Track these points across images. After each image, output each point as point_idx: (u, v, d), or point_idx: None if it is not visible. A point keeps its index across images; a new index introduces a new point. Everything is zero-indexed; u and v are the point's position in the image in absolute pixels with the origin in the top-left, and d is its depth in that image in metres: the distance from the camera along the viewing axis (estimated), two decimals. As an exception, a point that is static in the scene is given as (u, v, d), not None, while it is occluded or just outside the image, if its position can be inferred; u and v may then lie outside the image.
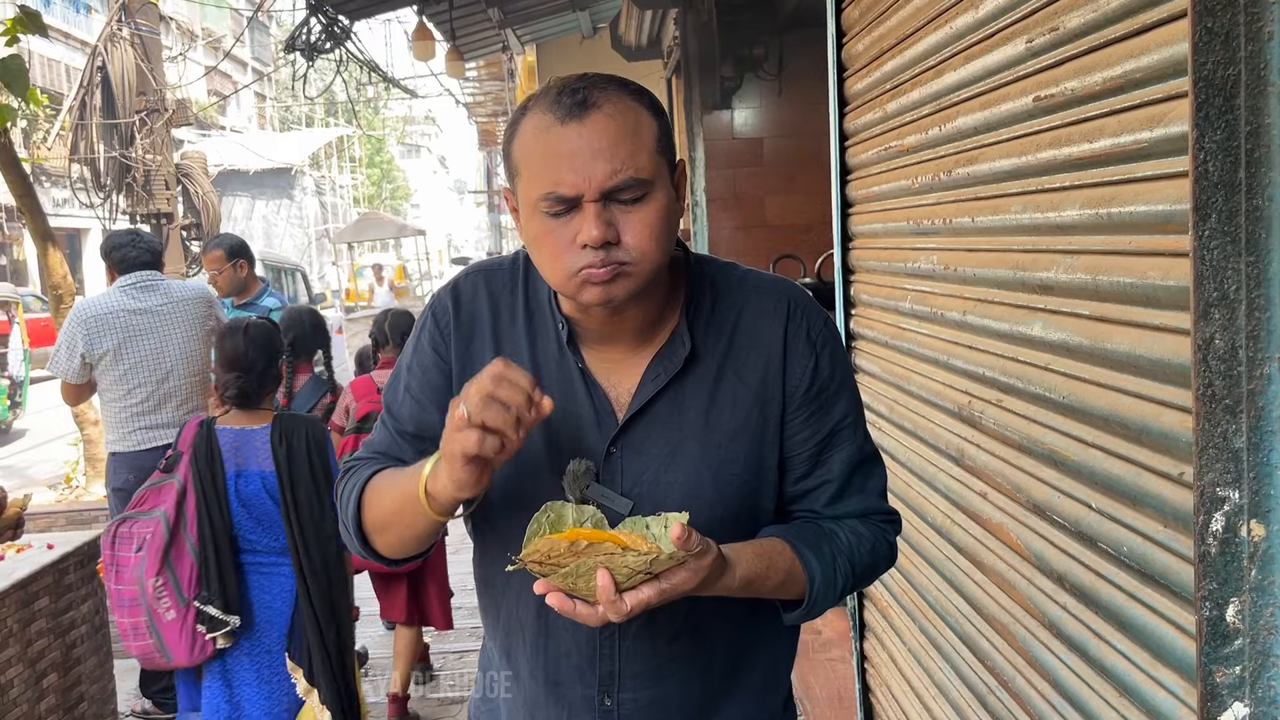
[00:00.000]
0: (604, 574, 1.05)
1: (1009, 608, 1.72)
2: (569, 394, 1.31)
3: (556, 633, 1.33)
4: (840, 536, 1.31)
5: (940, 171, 1.92)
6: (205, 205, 8.27)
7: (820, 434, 1.32)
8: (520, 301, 1.36)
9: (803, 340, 1.32)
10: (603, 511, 1.25)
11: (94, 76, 7.38)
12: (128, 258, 3.94)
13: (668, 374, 1.29)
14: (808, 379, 1.31)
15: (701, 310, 1.33)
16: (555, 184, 1.17)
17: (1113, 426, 1.32)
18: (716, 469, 1.29)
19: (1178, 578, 1.17)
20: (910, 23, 2.05)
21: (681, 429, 1.29)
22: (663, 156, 1.22)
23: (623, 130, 1.18)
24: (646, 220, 1.19)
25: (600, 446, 1.29)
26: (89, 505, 4.79)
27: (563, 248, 1.19)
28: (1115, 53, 1.27)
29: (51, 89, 19.65)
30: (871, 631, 2.72)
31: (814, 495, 1.34)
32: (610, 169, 1.16)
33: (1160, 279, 1.19)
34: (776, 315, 1.33)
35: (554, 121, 1.18)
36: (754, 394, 1.31)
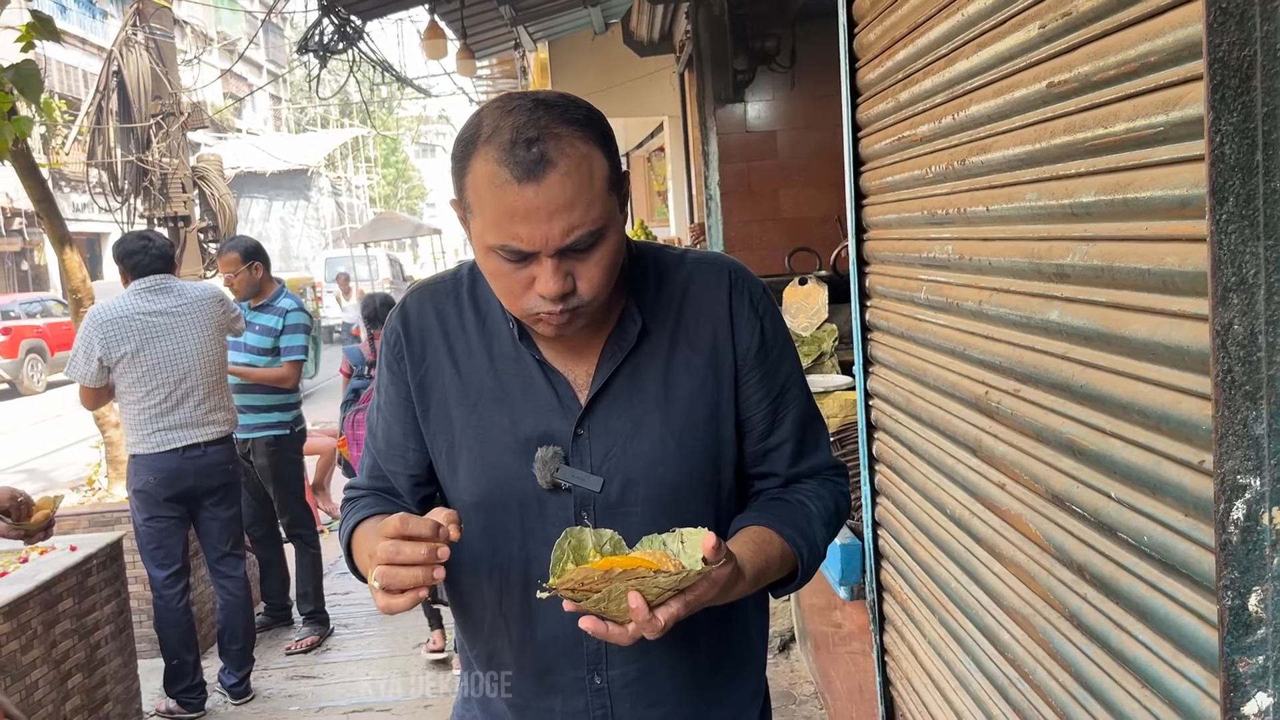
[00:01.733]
0: (636, 596, 1.09)
1: (1029, 599, 1.70)
2: (529, 386, 1.36)
3: (542, 619, 1.36)
4: (810, 505, 1.40)
5: (954, 160, 1.91)
6: (221, 207, 8.32)
7: (772, 393, 1.40)
8: (468, 308, 1.41)
9: (747, 305, 1.40)
10: (574, 489, 1.33)
11: (109, 81, 7.44)
12: (141, 264, 3.97)
13: (623, 351, 1.35)
14: (757, 340, 1.39)
15: (648, 290, 1.39)
16: (512, 239, 1.19)
17: (1131, 415, 1.31)
18: (679, 436, 1.35)
19: (1199, 567, 1.16)
20: (922, 11, 2.03)
21: (643, 402, 1.35)
22: (613, 193, 1.24)
23: (579, 186, 1.18)
24: (601, 264, 1.24)
25: (567, 430, 1.34)
26: (111, 507, 4.82)
27: (518, 290, 1.24)
28: (1129, 36, 1.25)
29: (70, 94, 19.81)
30: (891, 624, 2.70)
31: (775, 457, 1.42)
32: (566, 227, 1.18)
33: (1178, 264, 1.17)
34: (720, 285, 1.40)
35: (510, 179, 1.16)
36: (706, 360, 1.37)
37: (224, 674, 4.32)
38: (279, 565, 5.14)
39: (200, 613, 4.67)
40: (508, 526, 1.37)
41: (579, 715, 1.39)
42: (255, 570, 5.11)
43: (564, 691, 1.38)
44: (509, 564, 1.38)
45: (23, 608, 3.32)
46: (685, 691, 1.40)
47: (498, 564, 1.39)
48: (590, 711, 1.38)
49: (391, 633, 5.00)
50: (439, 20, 7.05)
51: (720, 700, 1.44)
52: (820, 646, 3.74)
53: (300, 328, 4.73)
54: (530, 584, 1.34)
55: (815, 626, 3.89)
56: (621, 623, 1.12)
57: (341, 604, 5.43)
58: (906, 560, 2.48)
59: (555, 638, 1.36)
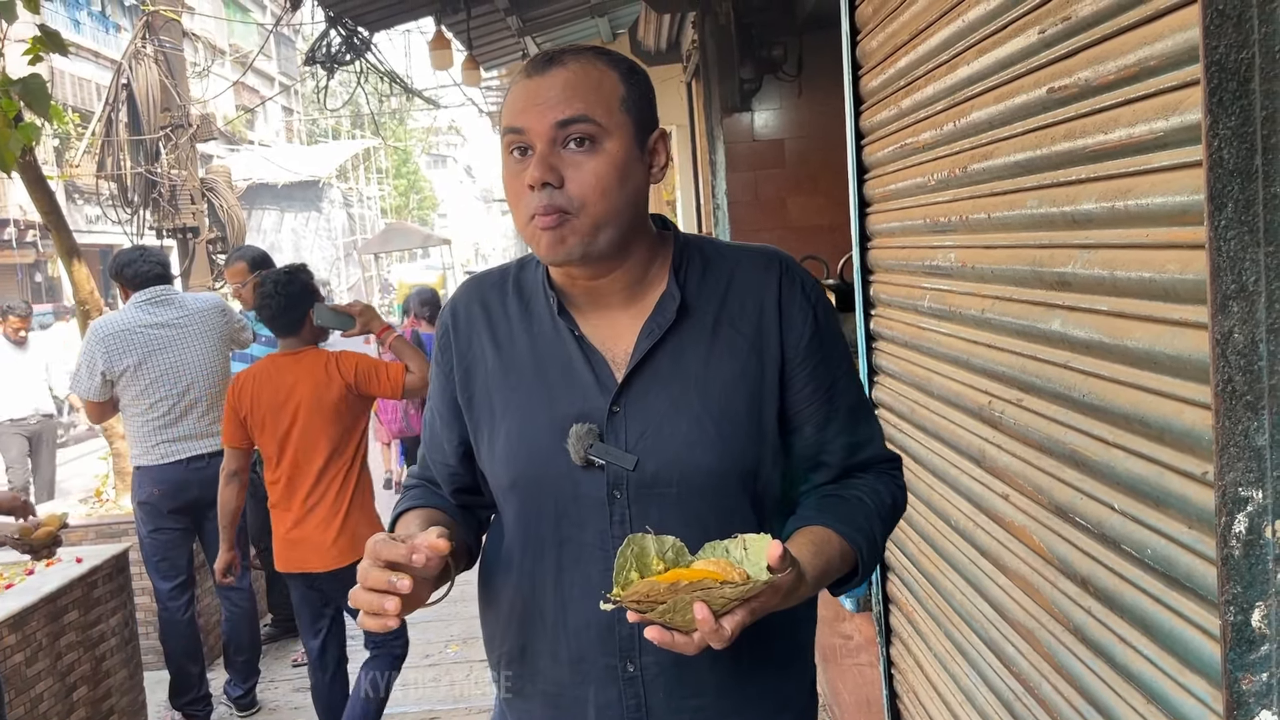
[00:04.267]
0: (702, 606, 1.08)
1: (1033, 612, 1.68)
2: (567, 364, 1.35)
3: (575, 605, 1.35)
4: (867, 501, 1.36)
5: (955, 167, 1.89)
6: (230, 218, 8.34)
7: (825, 384, 1.36)
8: (512, 293, 1.43)
9: (799, 294, 1.37)
10: (608, 468, 1.30)
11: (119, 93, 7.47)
12: (140, 273, 3.98)
13: (660, 329, 1.33)
14: (810, 328, 1.36)
15: (692, 273, 1.37)
16: (511, 119, 1.26)
17: (1134, 425, 1.28)
18: (718, 418, 1.31)
19: (1203, 581, 1.14)
20: (923, 17, 2.02)
21: (681, 382, 1.33)
22: (627, 115, 1.28)
23: (581, 80, 1.26)
24: (595, 170, 1.24)
25: (603, 407, 1.32)
26: (118, 518, 4.82)
27: (518, 192, 1.27)
28: (1128, 40, 1.24)
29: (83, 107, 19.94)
30: (898, 636, 2.68)
31: (830, 449, 1.38)
32: (559, 110, 1.23)
33: (1179, 272, 1.15)
34: (770, 272, 1.38)
35: (524, 76, 1.28)
36: (750, 344, 1.34)
37: (230, 686, 4.31)
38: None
39: (206, 624, 4.66)
40: (541, 507, 1.35)
41: (612, 706, 1.36)
42: (262, 582, 5.10)
43: (597, 680, 1.35)
44: (542, 547, 1.37)
45: (28, 620, 3.31)
46: (725, 685, 1.36)
47: (530, 547, 1.38)
48: (623, 701, 1.35)
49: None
50: (446, 31, 7.06)
51: (763, 696, 1.40)
52: (828, 658, 3.71)
53: (306, 339, 4.73)
54: (563, 568, 1.35)
55: (823, 638, 3.86)
56: (687, 632, 1.11)
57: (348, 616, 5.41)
58: (912, 572, 2.45)
59: (588, 623, 1.33)
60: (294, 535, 3.36)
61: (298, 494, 3.33)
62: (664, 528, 1.18)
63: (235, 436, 3.38)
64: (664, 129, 1.34)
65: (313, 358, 3.35)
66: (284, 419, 3.30)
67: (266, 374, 3.33)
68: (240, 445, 3.42)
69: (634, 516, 1.31)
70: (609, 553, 1.29)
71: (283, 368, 3.33)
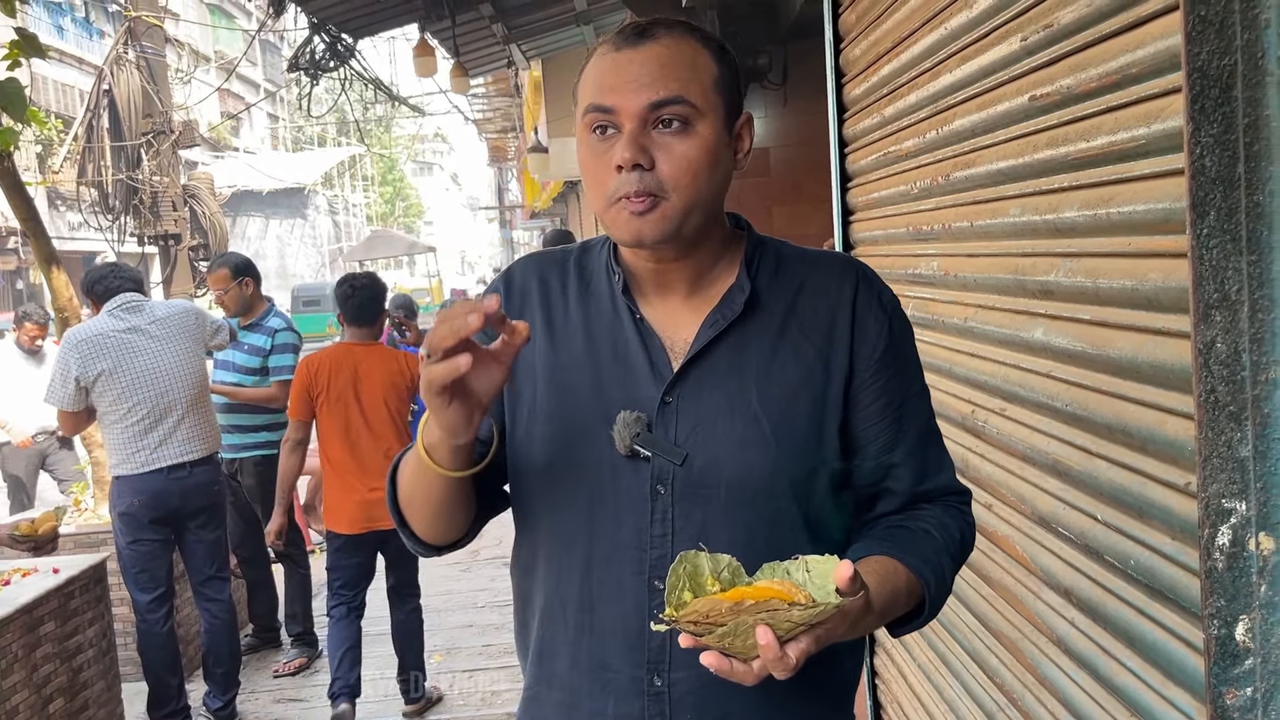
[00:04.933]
0: (765, 630, 0.99)
1: (1017, 623, 1.67)
2: (623, 345, 1.27)
3: (603, 606, 1.25)
4: (935, 534, 1.25)
5: (939, 175, 1.88)
6: (213, 225, 8.29)
7: (895, 401, 1.26)
8: (572, 272, 1.34)
9: (875, 304, 1.28)
10: (654, 460, 1.21)
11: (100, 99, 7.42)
12: (110, 287, 3.94)
13: (726, 320, 1.25)
14: (884, 341, 1.26)
15: (765, 271, 1.29)
16: (599, 97, 1.18)
17: (1117, 435, 1.27)
18: (776, 423, 1.22)
19: (1187, 592, 1.13)
20: (906, 25, 2.01)
21: (741, 379, 1.24)
22: (720, 96, 1.20)
23: (675, 58, 1.18)
24: (686, 153, 1.17)
25: (655, 396, 1.24)
26: (96, 528, 4.77)
27: (601, 172, 1.19)
28: (1110, 48, 1.23)
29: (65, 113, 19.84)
30: (881, 646, 2.66)
31: (898, 473, 1.27)
32: (654, 89, 1.16)
33: (1161, 281, 1.14)
34: (846, 278, 1.29)
35: (611, 49, 1.20)
36: (818, 351, 1.25)
37: (209, 697, 4.26)
38: (267, 586, 5.08)
39: (185, 635, 4.61)
40: (575, 497, 1.26)
41: None
42: (242, 592, 5.05)
43: (618, 693, 1.25)
44: (572, 539, 1.27)
45: (3, 631, 3.27)
46: (756, 711, 1.25)
47: (560, 538, 1.29)
48: (646, 718, 1.24)
49: (381, 655, 4.94)
50: (430, 38, 7.04)
51: None
52: (812, 668, 3.70)
53: (290, 347, 4.69)
54: (593, 564, 1.25)
55: (807, 647, 3.85)
56: (747, 660, 1.02)
57: (330, 625, 5.38)
58: (896, 581, 2.44)
59: (615, 629, 1.24)
60: (374, 496, 3.87)
61: (372, 462, 3.91)
62: (708, 534, 1.10)
63: (301, 410, 3.99)
64: (749, 113, 1.28)
65: (383, 350, 4.11)
66: (355, 397, 3.92)
67: (340, 358, 3.96)
68: (305, 418, 4.00)
69: (676, 517, 1.22)
70: (645, 553, 1.22)
71: (357, 355, 3.97)
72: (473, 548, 1.43)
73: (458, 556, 6.17)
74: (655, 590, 1.22)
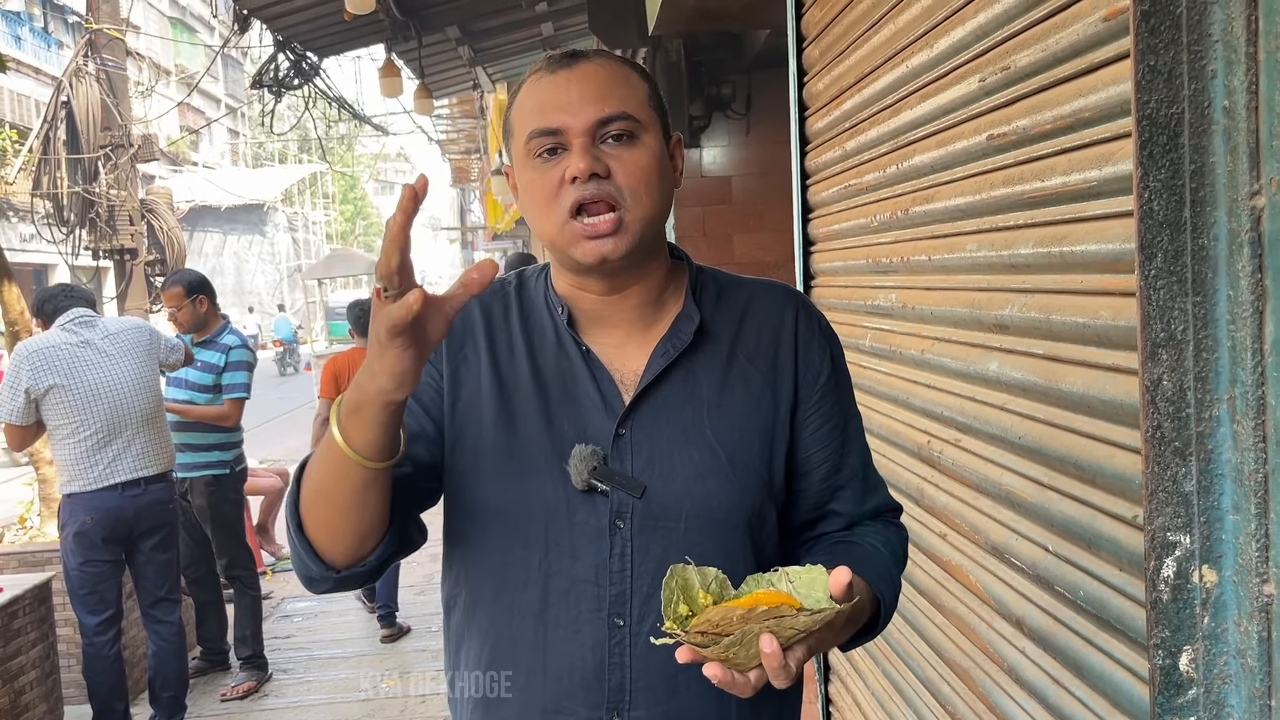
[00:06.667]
0: (770, 639, 0.98)
1: (969, 651, 1.69)
2: (571, 380, 1.25)
3: (559, 647, 1.22)
4: (882, 550, 1.28)
5: (898, 209, 1.92)
6: (170, 241, 8.19)
7: (839, 426, 1.30)
8: (514, 304, 1.32)
9: (817, 331, 1.31)
10: (615, 494, 1.19)
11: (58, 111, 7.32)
12: (60, 306, 3.88)
13: (677, 349, 1.25)
14: (828, 367, 1.29)
15: (708, 298, 1.30)
16: (543, 120, 1.17)
17: (1068, 468, 1.30)
18: (731, 452, 1.23)
19: (1133, 623, 1.15)
20: (868, 62, 2.05)
21: (694, 409, 1.24)
22: (656, 113, 1.22)
23: (612, 76, 1.20)
24: (638, 161, 1.18)
25: (608, 429, 1.22)
26: (43, 547, 4.66)
27: (552, 190, 1.17)
28: (1064, 91, 1.27)
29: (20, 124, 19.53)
30: (836, 674, 2.68)
31: (844, 495, 1.31)
32: (599, 105, 1.16)
33: (1111, 319, 1.17)
34: (787, 307, 1.31)
35: (545, 74, 1.21)
36: (764, 378, 1.27)
37: (155, 721, 4.18)
38: (216, 608, 4.99)
39: (132, 657, 4.51)
40: (529, 535, 1.22)
41: None
42: (191, 613, 4.96)
43: None
44: (525, 578, 1.23)
45: (-59, 652, 3.19)
46: None
47: (510, 578, 1.24)
48: None
49: (334, 679, 4.87)
50: (396, 59, 7.04)
51: None
52: (767, 695, 3.70)
53: (243, 365, 4.64)
54: (549, 604, 1.22)
55: (763, 674, 3.86)
56: (744, 670, 1.01)
57: (281, 648, 5.28)
58: (851, 609, 2.46)
59: (571, 669, 1.21)
60: None
61: None
62: (665, 567, 1.08)
63: (331, 392, 5.04)
64: (679, 133, 1.30)
65: None
66: None
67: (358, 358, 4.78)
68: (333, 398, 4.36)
69: (635, 551, 1.20)
70: (603, 589, 1.20)
71: None
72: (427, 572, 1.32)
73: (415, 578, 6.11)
74: (615, 627, 1.20)
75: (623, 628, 1.20)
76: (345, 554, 1.19)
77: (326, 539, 1.19)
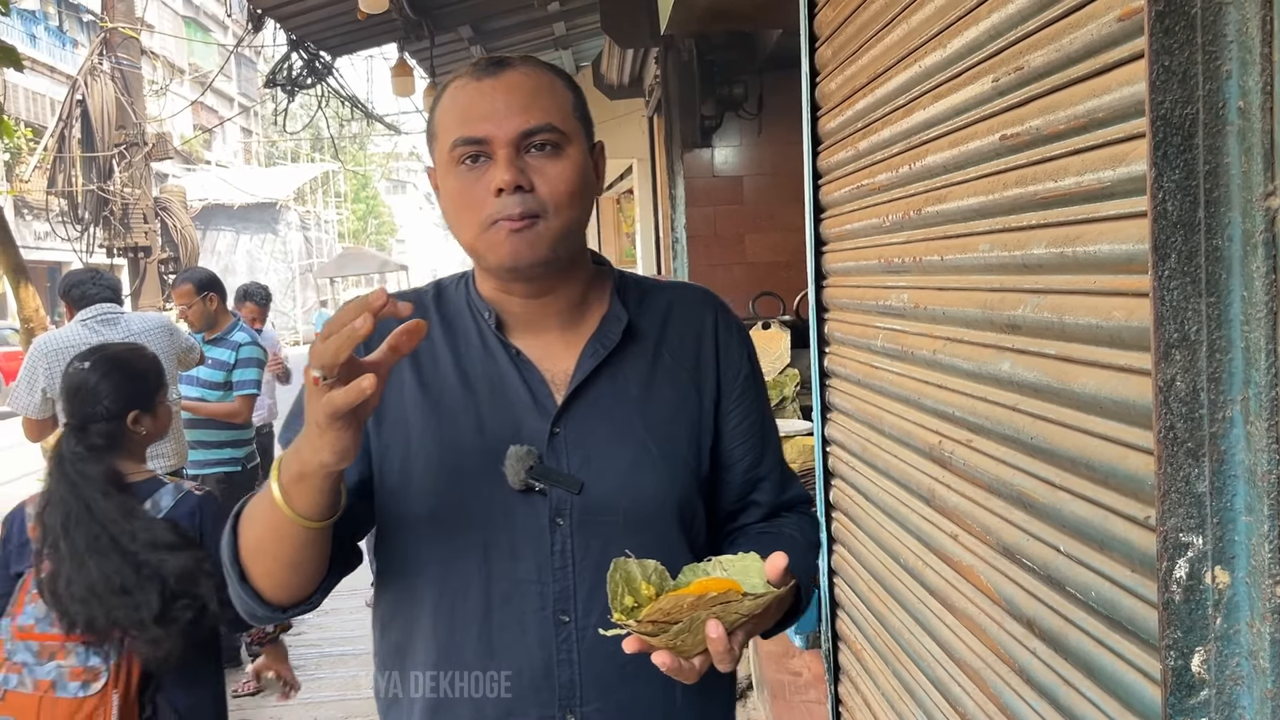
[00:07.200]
0: (715, 624, 1.01)
1: (980, 652, 1.69)
2: (499, 381, 1.27)
3: (506, 649, 1.23)
4: (799, 538, 1.36)
5: (910, 210, 1.92)
6: (184, 239, 8.23)
7: (757, 423, 1.38)
8: (433, 312, 1.33)
9: (734, 330, 1.39)
10: (553, 492, 1.21)
11: (73, 109, 7.37)
12: (88, 294, 3.92)
13: (606, 348, 1.29)
14: (746, 365, 1.38)
15: (632, 300, 1.35)
16: (468, 129, 1.19)
17: (1080, 469, 1.30)
18: (662, 445, 1.28)
19: (1145, 624, 1.15)
20: (881, 62, 2.05)
21: (624, 406, 1.28)
22: (579, 123, 1.25)
23: (538, 86, 1.22)
24: (562, 174, 1.20)
25: (543, 429, 1.25)
26: (56, 542, 4.70)
27: (476, 199, 1.19)
28: (1078, 92, 1.27)
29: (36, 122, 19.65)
30: (846, 675, 2.67)
31: (764, 486, 1.39)
32: (524, 116, 1.18)
33: (1125, 319, 1.17)
34: (706, 309, 1.38)
35: (470, 80, 1.22)
36: (688, 374, 1.33)
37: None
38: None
39: (144, 653, 4.54)
40: (467, 541, 1.23)
41: None
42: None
43: None
44: (467, 584, 1.24)
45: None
46: None
47: (451, 587, 1.24)
48: None
49: (344, 677, 4.89)
50: (408, 58, 7.07)
51: None
52: (777, 695, 3.70)
53: (254, 361, 4.67)
54: (492, 607, 1.22)
55: (773, 674, 3.85)
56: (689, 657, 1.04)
57: (293, 646, 5.29)
58: (861, 610, 2.45)
59: (520, 670, 1.22)
60: None
61: None
62: (606, 561, 1.10)
63: None
64: (601, 141, 1.33)
65: None
66: None
67: None
68: None
69: (575, 547, 1.22)
70: (546, 587, 1.21)
71: None
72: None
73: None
74: (561, 624, 1.22)
75: (568, 624, 1.23)
76: (290, 597, 1.21)
77: (269, 587, 1.20)
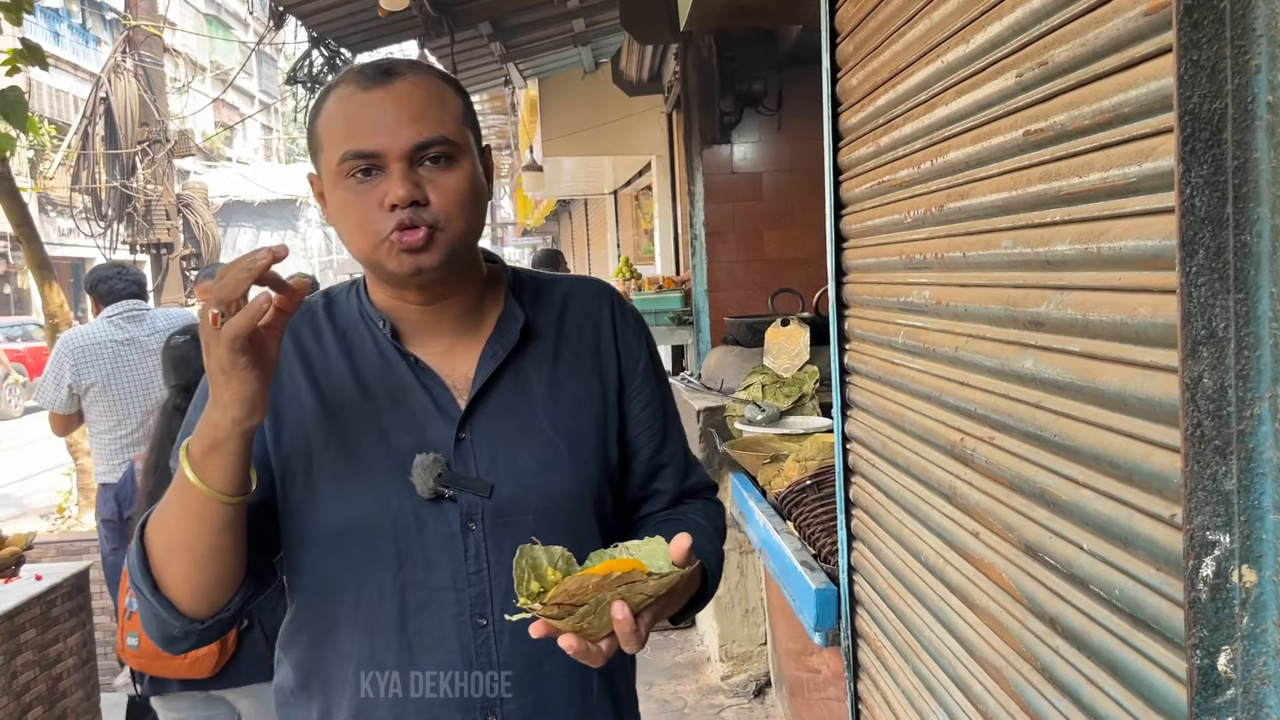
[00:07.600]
0: (621, 605, 1.02)
1: (1002, 650, 1.68)
2: (400, 390, 1.26)
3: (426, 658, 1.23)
4: (704, 525, 1.38)
5: (932, 206, 1.91)
6: (206, 235, 8.30)
7: (659, 411, 1.40)
8: (325, 324, 1.32)
9: (630, 321, 1.40)
10: (463, 498, 1.22)
11: (96, 107, 7.43)
12: (114, 289, 3.96)
13: (505, 349, 1.29)
14: (645, 355, 1.39)
15: (526, 297, 1.35)
16: (358, 142, 1.17)
17: (1104, 466, 1.29)
18: (569, 441, 1.29)
19: (1170, 623, 1.14)
20: (903, 57, 2.04)
21: (528, 405, 1.29)
22: (469, 130, 1.24)
23: (428, 96, 1.20)
24: (454, 185, 1.20)
25: (448, 436, 1.25)
26: (80, 536, 4.75)
27: (368, 213, 1.18)
28: (1104, 87, 1.26)
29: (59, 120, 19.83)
30: (865, 671, 2.67)
31: (666, 473, 1.41)
32: (416, 129, 1.17)
33: (1150, 316, 1.16)
34: (601, 300, 1.40)
35: (357, 89, 1.19)
36: (590, 368, 1.34)
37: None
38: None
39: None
40: (379, 553, 1.22)
41: None
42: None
43: None
44: (381, 597, 1.23)
45: (-17, 638, 3.25)
46: None
47: (365, 599, 1.24)
48: None
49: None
50: (429, 55, 7.08)
51: None
52: (796, 692, 3.70)
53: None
54: (408, 616, 1.22)
55: (791, 671, 3.84)
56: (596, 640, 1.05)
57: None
58: (881, 607, 2.45)
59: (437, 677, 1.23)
60: None
61: None
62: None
63: None
64: (489, 144, 1.33)
65: None
66: None
67: None
68: None
69: (489, 550, 1.22)
70: (463, 593, 1.22)
71: None
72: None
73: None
74: (479, 628, 1.22)
75: (486, 627, 1.23)
76: (208, 604, 1.19)
77: (187, 593, 1.17)
